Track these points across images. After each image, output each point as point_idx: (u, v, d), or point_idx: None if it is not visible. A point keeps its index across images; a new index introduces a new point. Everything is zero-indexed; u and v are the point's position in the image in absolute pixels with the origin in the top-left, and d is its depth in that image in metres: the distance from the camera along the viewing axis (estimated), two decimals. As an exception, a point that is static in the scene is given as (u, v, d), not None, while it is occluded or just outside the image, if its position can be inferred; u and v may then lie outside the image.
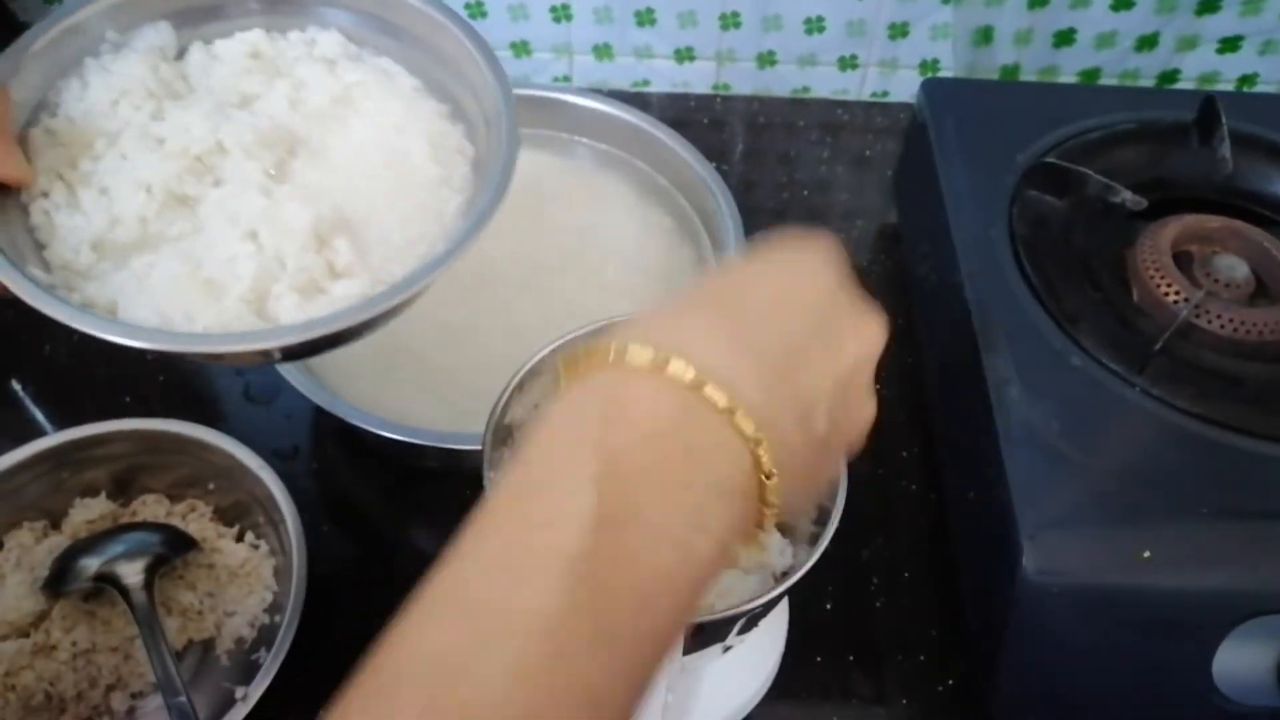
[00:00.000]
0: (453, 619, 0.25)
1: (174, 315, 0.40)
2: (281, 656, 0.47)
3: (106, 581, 0.50)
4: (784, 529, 0.49)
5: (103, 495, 0.56)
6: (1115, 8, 0.78)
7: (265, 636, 0.53)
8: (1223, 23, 0.79)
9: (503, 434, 0.45)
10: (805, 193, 0.80)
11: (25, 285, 0.38)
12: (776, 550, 0.47)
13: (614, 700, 0.25)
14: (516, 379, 0.45)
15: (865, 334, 0.33)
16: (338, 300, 0.41)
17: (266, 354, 0.42)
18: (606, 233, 0.70)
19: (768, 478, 0.28)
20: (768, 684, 0.53)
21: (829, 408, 0.31)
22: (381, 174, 0.46)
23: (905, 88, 0.86)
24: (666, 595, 0.26)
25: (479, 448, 0.44)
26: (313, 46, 0.49)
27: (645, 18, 0.82)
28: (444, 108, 0.50)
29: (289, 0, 0.49)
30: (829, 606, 0.57)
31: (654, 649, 0.27)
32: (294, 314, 0.41)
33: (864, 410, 0.33)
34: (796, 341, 0.30)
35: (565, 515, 0.26)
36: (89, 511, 0.55)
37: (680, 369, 0.27)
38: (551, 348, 0.46)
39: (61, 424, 0.55)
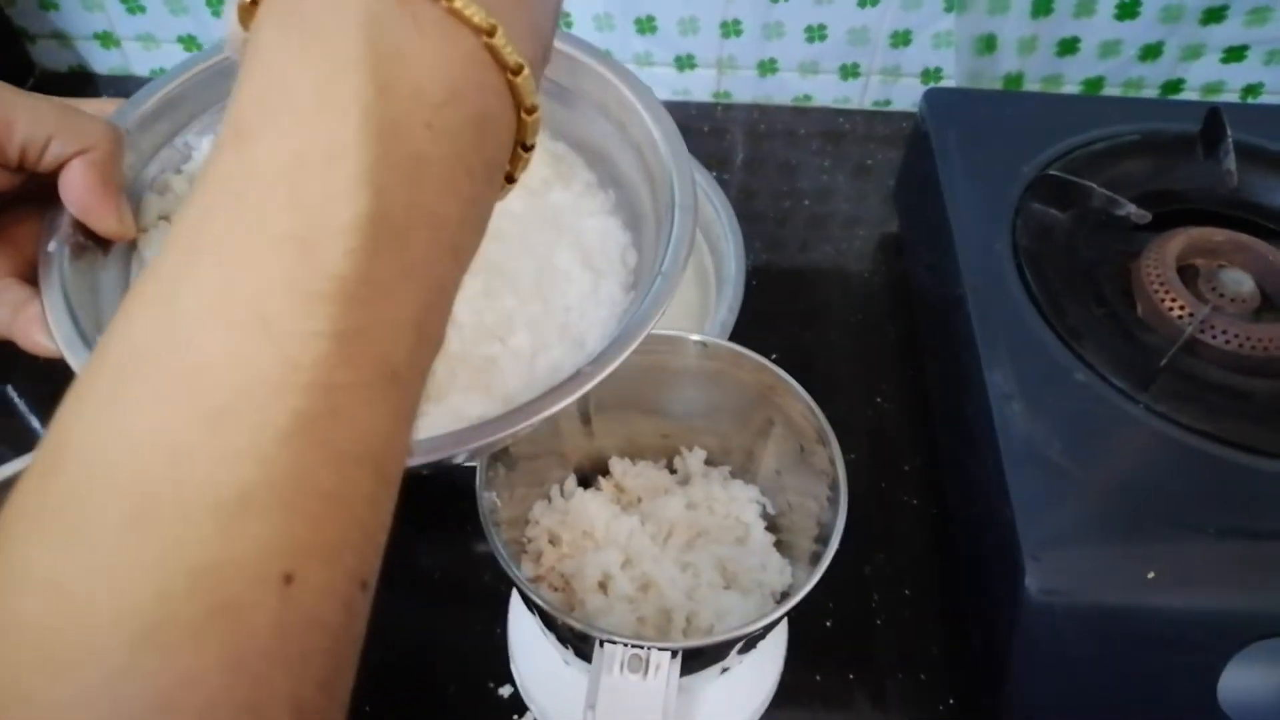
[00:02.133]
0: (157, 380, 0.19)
1: None
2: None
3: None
4: (784, 549, 0.49)
5: None
6: (1119, 17, 0.78)
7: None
8: (1228, 32, 0.79)
9: (498, 452, 0.44)
10: (806, 201, 0.80)
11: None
12: (776, 570, 0.47)
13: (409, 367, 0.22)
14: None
15: None
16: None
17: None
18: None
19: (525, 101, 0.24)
20: (766, 703, 0.52)
21: None
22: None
23: (907, 96, 0.85)
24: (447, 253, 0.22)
25: (473, 463, 0.43)
26: None
27: (646, 25, 0.81)
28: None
29: None
30: (829, 624, 0.56)
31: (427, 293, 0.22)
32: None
33: None
34: None
35: (323, 225, 0.20)
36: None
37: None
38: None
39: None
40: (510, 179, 0.27)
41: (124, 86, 0.87)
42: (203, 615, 0.18)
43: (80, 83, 0.87)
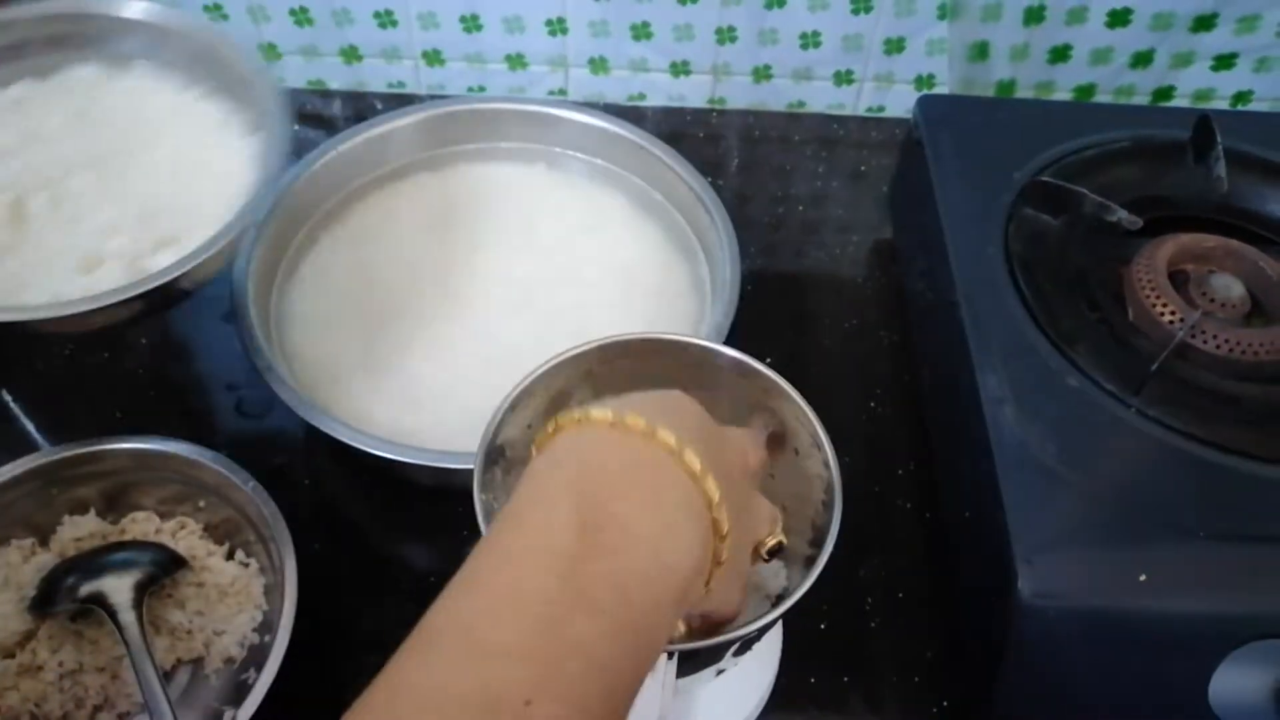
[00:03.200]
0: (459, 597, 0.30)
1: None
2: (271, 676, 0.47)
3: (95, 603, 0.50)
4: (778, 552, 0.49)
5: (92, 512, 0.55)
6: (1111, 24, 0.79)
7: (255, 656, 0.52)
8: (1218, 40, 0.79)
9: (495, 454, 0.44)
10: (800, 207, 0.80)
11: None
12: (771, 573, 0.47)
13: (612, 663, 0.29)
14: (509, 399, 0.45)
15: (740, 441, 0.40)
16: None
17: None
18: (600, 248, 0.70)
19: (715, 507, 0.33)
20: (761, 705, 0.52)
21: (738, 482, 0.37)
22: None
23: (901, 103, 0.86)
24: (643, 590, 0.30)
25: (471, 466, 0.43)
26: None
27: (641, 31, 0.82)
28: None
29: None
30: (823, 626, 0.56)
31: (640, 635, 0.30)
32: None
33: (760, 507, 0.40)
34: (712, 430, 0.37)
35: (550, 526, 0.31)
36: (78, 529, 0.54)
37: (635, 420, 0.33)
38: (545, 368, 0.46)
39: (52, 439, 0.54)
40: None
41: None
42: None
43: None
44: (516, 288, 0.66)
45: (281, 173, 0.51)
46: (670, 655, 0.38)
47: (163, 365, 0.58)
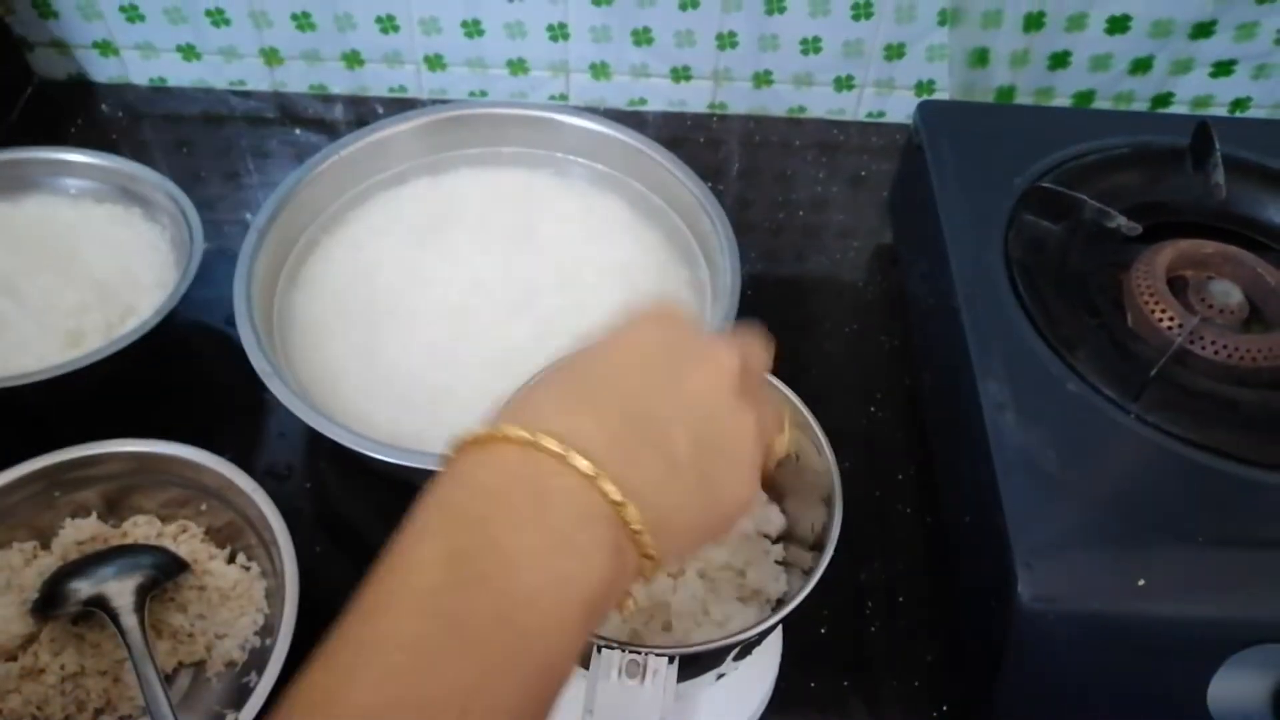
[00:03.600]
0: (321, 665, 0.27)
1: None
2: (273, 680, 0.47)
3: (97, 606, 0.50)
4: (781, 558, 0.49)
5: (94, 516, 0.55)
6: (1110, 31, 0.79)
7: (256, 659, 0.52)
8: (1216, 47, 0.80)
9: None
10: (801, 212, 0.81)
11: None
12: (772, 577, 0.47)
13: (493, 697, 0.27)
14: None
15: (709, 363, 0.34)
16: None
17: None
18: (601, 252, 0.70)
19: (619, 506, 0.30)
20: (762, 708, 0.53)
21: (688, 432, 0.32)
22: None
23: (901, 108, 0.86)
24: (530, 610, 0.28)
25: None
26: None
27: (642, 37, 0.82)
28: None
29: None
30: (824, 630, 0.57)
31: (533, 658, 0.28)
32: None
33: (741, 424, 0.34)
34: (636, 387, 0.33)
35: (419, 563, 0.29)
36: (80, 532, 0.54)
37: (515, 432, 0.30)
38: (541, 373, 0.46)
39: (53, 442, 0.55)
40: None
41: (122, 95, 0.88)
42: None
43: (79, 92, 0.88)
44: (517, 292, 0.67)
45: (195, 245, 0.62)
46: (671, 660, 0.38)
47: (164, 369, 0.58)
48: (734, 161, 0.85)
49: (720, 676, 0.45)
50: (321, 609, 0.54)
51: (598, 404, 0.32)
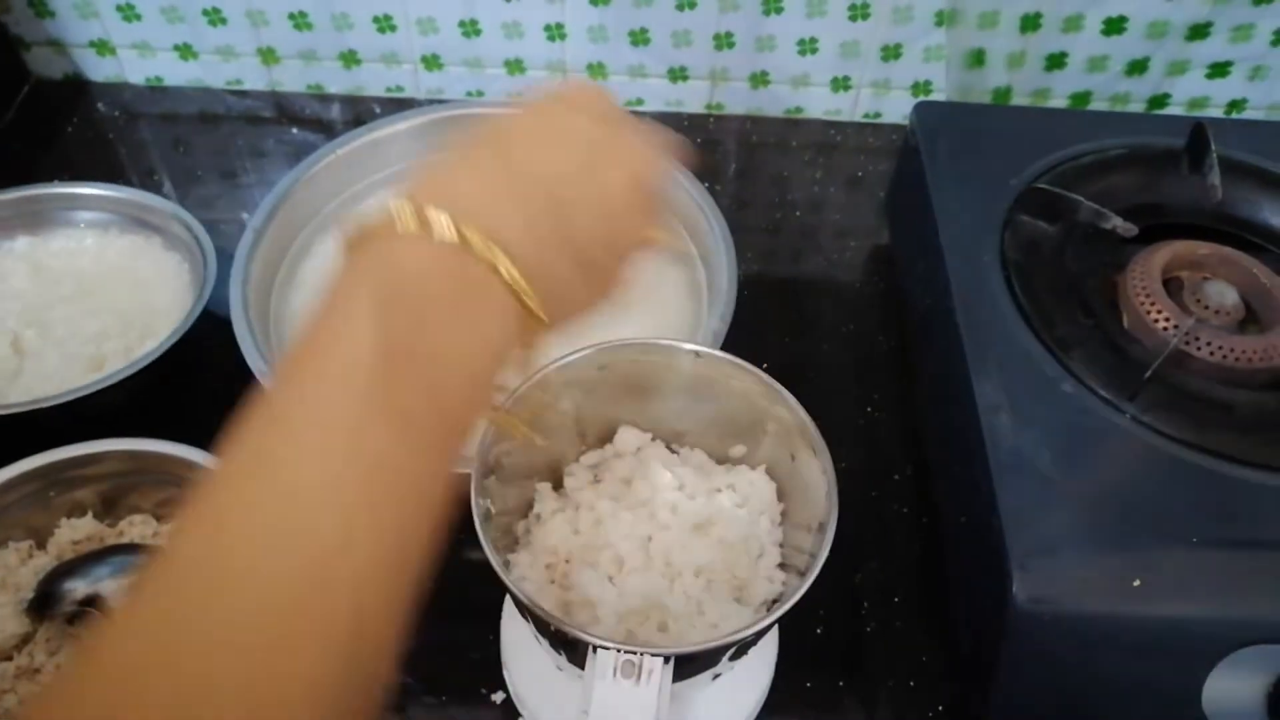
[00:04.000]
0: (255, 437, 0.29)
1: None
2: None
3: (93, 605, 0.50)
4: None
5: (90, 515, 0.55)
6: (1107, 32, 0.79)
7: (252, 659, 0.52)
8: (1212, 48, 0.80)
9: (490, 465, 0.45)
10: (798, 213, 0.81)
11: None
12: (767, 578, 0.47)
13: (415, 472, 0.29)
14: (504, 407, 0.45)
15: (627, 168, 0.36)
16: None
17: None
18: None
19: (529, 299, 0.32)
20: (758, 709, 0.53)
21: (593, 228, 0.35)
22: None
23: (898, 109, 0.86)
24: (455, 378, 0.31)
25: (468, 471, 0.44)
26: None
27: (639, 37, 0.82)
28: None
29: None
30: (820, 630, 0.57)
31: (447, 429, 0.31)
32: None
33: (637, 226, 0.37)
34: (557, 177, 0.34)
35: (354, 344, 0.29)
36: (76, 531, 0.54)
37: (445, 230, 0.31)
38: (539, 376, 0.46)
39: (49, 442, 0.54)
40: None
41: (119, 94, 0.88)
42: None
43: (75, 91, 0.88)
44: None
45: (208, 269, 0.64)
46: (666, 660, 0.38)
47: (161, 368, 0.58)
48: (731, 162, 0.85)
49: (716, 676, 0.45)
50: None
51: (521, 195, 0.33)
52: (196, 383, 0.66)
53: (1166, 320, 0.56)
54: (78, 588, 0.51)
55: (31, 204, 0.70)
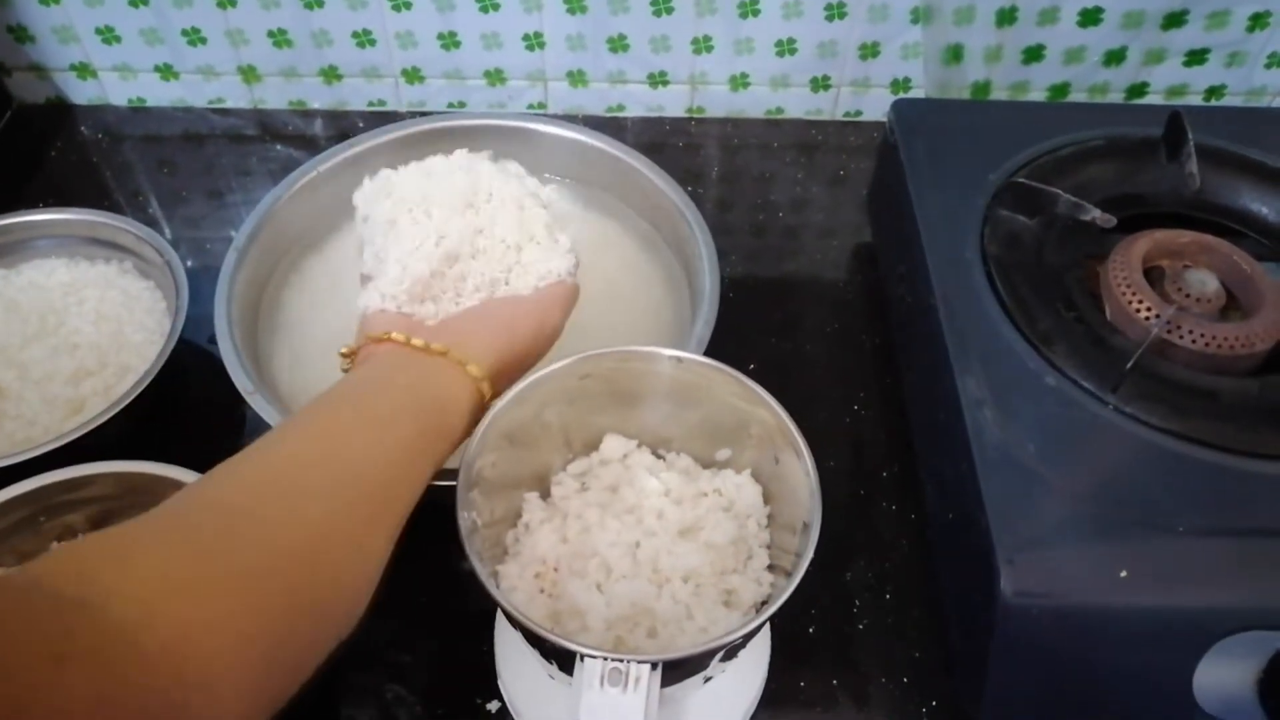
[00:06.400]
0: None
1: None
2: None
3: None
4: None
5: (80, 538, 0.55)
6: (1083, 23, 0.79)
7: (247, 677, 0.52)
8: (1189, 36, 0.80)
9: (473, 478, 0.45)
10: (781, 213, 0.81)
11: None
12: (755, 580, 0.47)
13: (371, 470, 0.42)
14: (482, 428, 0.46)
15: (564, 308, 0.55)
16: None
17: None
18: (583, 259, 0.70)
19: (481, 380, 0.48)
20: (752, 709, 0.53)
21: (536, 345, 0.52)
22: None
23: (878, 107, 0.87)
24: (404, 418, 0.45)
25: (454, 484, 0.44)
26: None
27: (618, 44, 0.82)
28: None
29: None
30: (811, 630, 0.57)
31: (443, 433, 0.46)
32: None
33: (558, 329, 0.55)
34: (523, 334, 0.51)
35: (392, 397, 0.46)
36: (67, 556, 0.54)
37: (401, 337, 0.48)
38: (519, 388, 0.47)
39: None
40: None
41: (102, 117, 0.88)
42: None
43: (58, 114, 0.88)
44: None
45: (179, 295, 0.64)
46: (654, 667, 0.38)
47: (141, 406, 0.58)
48: (713, 165, 0.85)
49: (709, 679, 0.45)
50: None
51: (495, 343, 0.49)
52: (181, 409, 0.66)
53: (1148, 310, 0.56)
54: (70, 612, 0.51)
55: (6, 233, 0.69)
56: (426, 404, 0.45)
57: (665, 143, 0.86)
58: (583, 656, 0.38)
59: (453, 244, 0.51)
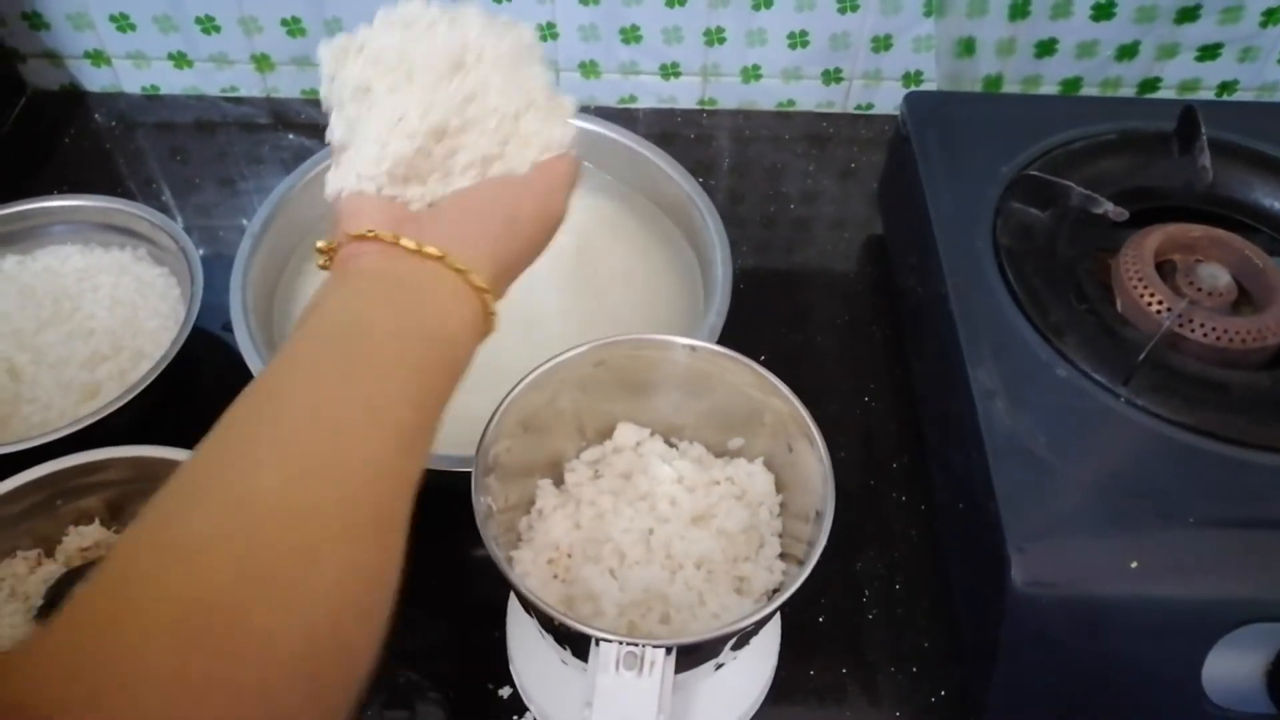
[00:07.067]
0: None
1: None
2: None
3: (101, 611, 0.50)
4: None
5: (97, 523, 0.56)
6: (1096, 17, 0.79)
7: (260, 661, 0.53)
8: (1202, 31, 0.80)
9: (489, 464, 0.45)
10: (791, 205, 0.81)
11: None
12: (767, 568, 0.48)
13: (386, 402, 0.34)
14: (502, 407, 0.46)
15: (567, 191, 0.47)
16: None
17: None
18: (593, 251, 0.70)
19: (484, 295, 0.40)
20: (762, 697, 0.53)
21: (541, 232, 0.45)
22: None
23: (890, 100, 0.87)
24: (394, 344, 0.36)
25: (468, 470, 0.44)
26: None
27: (631, 35, 0.83)
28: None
29: None
30: (821, 619, 0.57)
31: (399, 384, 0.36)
32: None
33: (563, 211, 0.47)
34: (524, 223, 0.43)
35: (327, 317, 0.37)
36: (83, 539, 0.55)
37: (389, 235, 0.39)
38: (536, 374, 0.47)
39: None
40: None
41: (115, 104, 0.88)
42: None
43: (72, 101, 0.88)
44: (509, 291, 0.67)
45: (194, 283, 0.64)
46: (669, 651, 0.39)
47: (156, 391, 0.59)
48: (724, 156, 0.85)
49: (719, 667, 0.45)
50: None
51: (497, 240, 0.42)
52: (195, 393, 0.67)
53: (1159, 303, 0.56)
54: (86, 594, 0.51)
55: (16, 221, 0.69)
56: (428, 339, 0.37)
57: (677, 134, 0.86)
58: (598, 640, 0.39)
59: (439, 116, 0.42)
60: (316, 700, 0.28)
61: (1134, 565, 0.46)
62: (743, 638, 0.43)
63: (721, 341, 0.57)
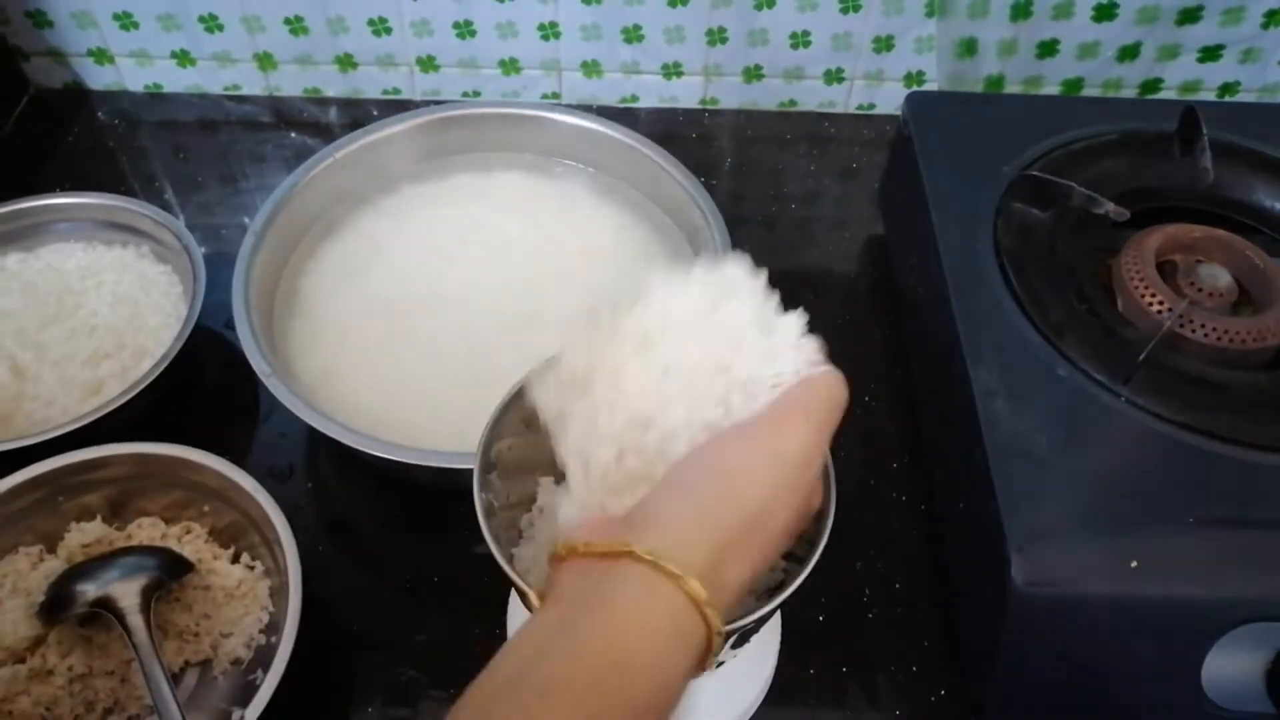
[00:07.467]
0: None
1: None
2: (278, 677, 0.48)
3: (103, 608, 0.51)
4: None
5: (98, 519, 0.56)
6: (1097, 18, 0.79)
7: (262, 657, 0.53)
8: (1203, 32, 0.80)
9: (491, 461, 0.45)
10: (793, 205, 0.81)
11: None
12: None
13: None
14: (501, 405, 0.46)
15: (820, 479, 0.40)
16: None
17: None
18: (595, 248, 0.70)
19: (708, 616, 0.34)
20: (761, 696, 0.53)
21: (784, 536, 0.37)
22: None
23: (891, 100, 0.87)
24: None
25: (471, 467, 0.44)
26: None
27: (633, 34, 0.83)
28: None
29: None
30: (821, 618, 0.57)
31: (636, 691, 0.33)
32: None
33: (810, 513, 0.40)
34: (764, 511, 0.36)
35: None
36: (85, 535, 0.55)
37: (581, 544, 0.35)
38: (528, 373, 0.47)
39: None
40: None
41: (118, 102, 0.88)
42: None
43: (75, 99, 0.88)
44: (514, 289, 0.67)
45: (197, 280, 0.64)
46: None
47: (158, 389, 0.59)
48: (726, 156, 0.85)
49: (720, 664, 0.45)
50: (325, 606, 0.54)
51: (708, 512, 0.35)
52: (197, 391, 0.67)
53: (1160, 303, 0.56)
54: (88, 590, 0.51)
55: (19, 218, 0.70)
56: (603, 671, 0.33)
57: (678, 133, 0.86)
58: (597, 637, 0.39)
59: (632, 406, 0.38)
60: None
61: (1134, 565, 0.46)
62: (743, 636, 0.43)
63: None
